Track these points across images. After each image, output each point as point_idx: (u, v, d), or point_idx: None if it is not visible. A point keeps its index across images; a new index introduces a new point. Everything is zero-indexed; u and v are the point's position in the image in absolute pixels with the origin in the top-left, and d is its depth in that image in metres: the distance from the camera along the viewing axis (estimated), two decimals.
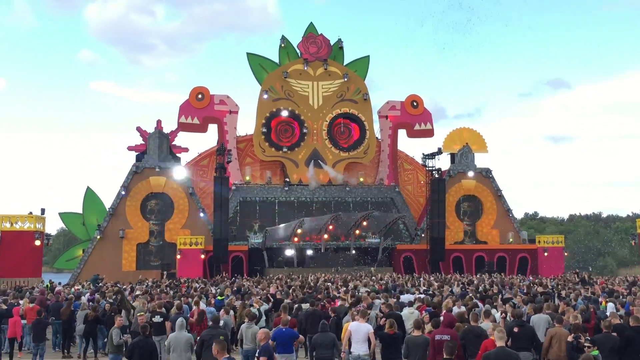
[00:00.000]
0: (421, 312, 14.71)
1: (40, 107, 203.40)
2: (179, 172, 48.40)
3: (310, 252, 48.89)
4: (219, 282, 30.80)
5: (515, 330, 11.40)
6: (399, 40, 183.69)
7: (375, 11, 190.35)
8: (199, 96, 53.55)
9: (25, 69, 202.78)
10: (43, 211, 44.48)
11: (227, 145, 49.12)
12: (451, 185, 52.97)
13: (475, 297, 17.67)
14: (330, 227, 48.70)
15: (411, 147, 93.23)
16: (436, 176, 50.24)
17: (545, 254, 51.43)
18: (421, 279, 32.26)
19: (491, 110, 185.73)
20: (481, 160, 57.08)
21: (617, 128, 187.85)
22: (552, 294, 20.53)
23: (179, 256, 45.62)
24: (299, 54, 55.06)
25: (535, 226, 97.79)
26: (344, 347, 11.93)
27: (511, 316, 12.77)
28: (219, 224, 44.64)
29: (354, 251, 49.76)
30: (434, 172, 50.41)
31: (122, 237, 47.40)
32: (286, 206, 52.66)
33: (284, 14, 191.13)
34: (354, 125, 54.80)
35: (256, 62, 55.62)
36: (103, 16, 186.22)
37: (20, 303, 19.63)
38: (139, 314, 14.00)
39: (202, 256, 45.79)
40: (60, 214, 51.59)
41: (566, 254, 58.49)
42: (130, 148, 50.92)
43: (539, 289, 22.29)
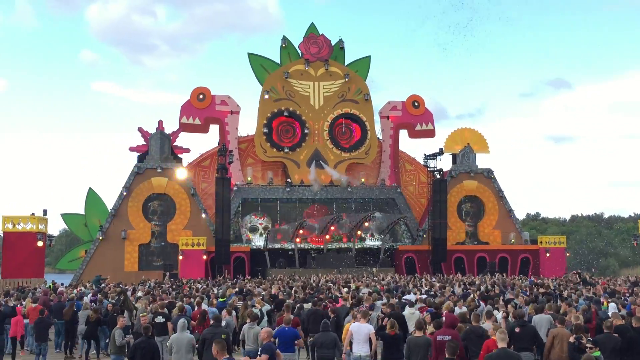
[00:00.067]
0: (422, 313, 14.71)
1: (42, 108, 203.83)
2: (181, 173, 48.46)
3: (312, 253, 48.93)
4: (220, 282, 30.82)
5: (517, 330, 11.41)
6: (400, 41, 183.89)
7: (376, 11, 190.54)
8: (200, 96, 53.55)
9: (27, 70, 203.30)
10: (45, 212, 44.64)
11: (228, 146, 49.11)
12: (453, 185, 52.95)
13: (477, 298, 17.68)
14: (332, 228, 48.70)
15: (413, 147, 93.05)
16: (438, 177, 50.24)
17: (547, 254, 51.39)
18: (423, 279, 32.24)
19: (492, 110, 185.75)
20: (483, 161, 57.06)
21: (619, 128, 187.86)
22: (554, 295, 20.52)
23: (181, 257, 45.71)
24: (300, 54, 55.02)
25: (537, 227, 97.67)
26: (345, 347, 11.95)
27: (513, 317, 12.78)
28: (220, 224, 44.69)
29: (355, 252, 49.80)
30: (435, 172, 50.40)
31: (124, 238, 47.49)
32: (288, 206, 52.67)
33: (285, 14, 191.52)
34: (355, 125, 54.75)
35: (257, 63, 55.58)
36: (104, 17, 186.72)
37: (22, 303, 19.70)
38: (141, 314, 14.02)
39: (204, 257, 45.86)
40: (62, 215, 51.72)
41: (568, 254, 58.46)
42: (131, 149, 50.99)
43: (540, 289, 22.29)
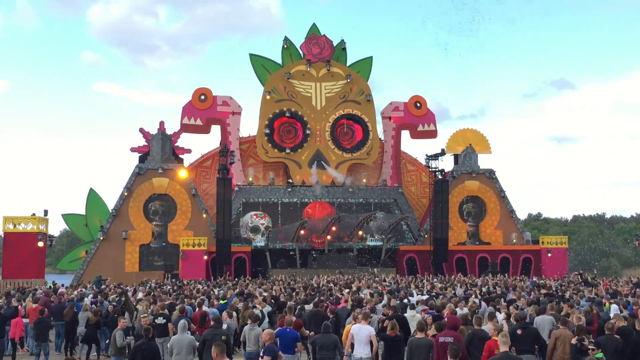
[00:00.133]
0: (424, 314, 14.65)
1: (43, 109, 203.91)
2: (182, 174, 48.45)
3: (313, 254, 48.88)
4: (221, 283, 30.71)
5: (519, 332, 11.35)
6: (402, 41, 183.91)
7: (378, 12, 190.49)
8: (202, 97, 53.53)
9: (28, 70, 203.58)
10: (46, 212, 44.62)
11: (230, 147, 49.06)
12: (454, 186, 52.89)
13: (478, 297, 17.62)
14: (333, 228, 48.65)
15: (414, 148, 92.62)
16: (439, 177, 50.18)
17: (549, 254, 51.30)
18: (424, 280, 32.17)
19: (495, 111, 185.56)
20: (485, 161, 57.12)
21: (622, 129, 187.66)
22: (556, 296, 20.45)
23: (182, 257, 45.70)
24: (301, 55, 54.94)
25: (538, 227, 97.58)
26: (347, 349, 11.89)
27: (514, 319, 12.72)
28: (221, 225, 44.67)
29: (356, 252, 49.74)
30: (437, 173, 50.33)
31: (125, 238, 47.49)
32: (289, 207, 52.63)
33: (286, 15, 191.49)
34: (357, 126, 54.70)
35: (259, 63, 55.55)
36: (106, 17, 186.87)
37: (23, 304, 19.67)
38: (142, 315, 13.99)
39: (205, 257, 45.84)
40: (63, 215, 51.74)
41: (570, 255, 58.39)
42: (133, 149, 51.01)
43: (542, 290, 22.22)
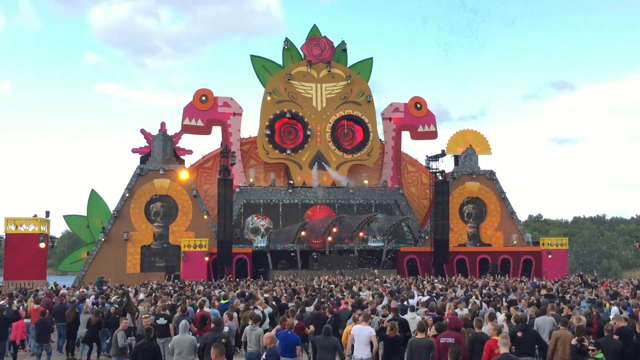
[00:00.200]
0: (425, 315, 14.67)
1: (45, 110, 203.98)
2: (183, 175, 48.49)
3: (313, 255, 48.90)
4: (222, 285, 30.67)
5: (519, 334, 11.37)
6: (402, 42, 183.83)
7: (378, 13, 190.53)
8: (203, 98, 53.58)
9: (30, 71, 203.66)
10: (48, 214, 44.65)
11: (231, 148, 49.10)
12: (455, 187, 52.93)
13: (479, 299, 17.64)
14: (334, 230, 48.67)
15: (415, 149, 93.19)
16: (440, 178, 50.24)
17: (550, 256, 51.33)
18: (425, 281, 32.20)
19: (495, 112, 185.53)
20: (485, 162, 57.10)
21: (622, 130, 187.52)
22: (556, 297, 20.47)
23: (183, 258, 45.75)
24: (302, 56, 54.98)
25: (539, 228, 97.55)
26: (348, 350, 11.93)
27: (514, 320, 12.74)
28: (222, 226, 44.70)
29: (357, 253, 49.75)
30: (437, 174, 50.39)
31: (126, 239, 47.55)
32: (290, 208, 52.67)
33: (287, 16, 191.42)
34: (357, 127, 54.74)
35: (260, 64, 55.60)
36: (108, 19, 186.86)
37: (24, 305, 19.70)
38: (143, 316, 14.02)
39: (206, 258, 45.89)
40: (64, 216, 51.79)
41: (570, 256, 58.40)
42: (134, 150, 51.06)
43: (542, 291, 22.24)
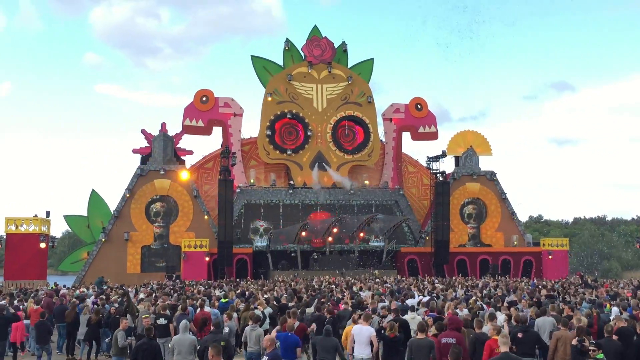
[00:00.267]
0: (425, 315, 14.65)
1: (45, 110, 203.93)
2: (184, 175, 48.50)
3: (314, 255, 48.91)
4: (222, 285, 30.65)
5: (520, 335, 11.35)
6: (403, 43, 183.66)
7: (379, 14, 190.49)
8: (204, 99, 53.61)
9: (31, 72, 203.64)
10: (48, 214, 44.70)
11: (231, 148, 49.13)
12: (455, 188, 52.94)
13: (479, 300, 17.62)
14: (335, 230, 48.68)
15: (415, 149, 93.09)
16: (440, 179, 50.26)
17: (550, 257, 51.33)
18: (425, 281, 32.19)
19: (495, 113, 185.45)
20: (485, 163, 57.10)
21: (622, 131, 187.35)
22: (556, 297, 20.46)
23: (183, 259, 45.76)
24: (303, 56, 55.02)
25: (539, 229, 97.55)
26: (348, 350, 11.92)
27: (515, 320, 12.73)
28: (223, 226, 44.71)
29: (358, 254, 49.75)
30: (438, 174, 50.41)
31: (127, 239, 47.56)
32: (290, 209, 52.70)
33: (288, 17, 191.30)
34: (358, 128, 54.77)
35: (260, 65, 55.63)
36: (108, 19, 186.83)
37: (24, 305, 19.68)
38: (143, 316, 14.01)
39: (207, 259, 45.90)
40: (65, 216, 51.84)
41: (570, 257, 58.40)
42: (135, 151, 51.10)
43: (543, 291, 22.22)
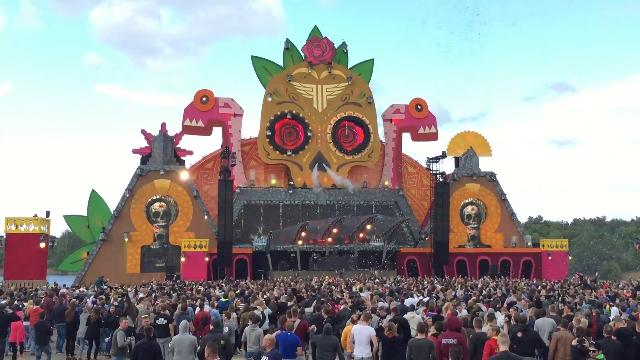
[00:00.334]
0: (424, 314, 14.66)
1: (45, 110, 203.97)
2: (184, 175, 48.52)
3: (314, 255, 48.91)
4: (222, 285, 30.61)
5: (519, 335, 11.37)
6: (403, 44, 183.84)
7: (379, 14, 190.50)
8: (204, 99, 53.60)
9: (31, 72, 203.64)
10: (48, 214, 44.71)
11: (231, 148, 49.13)
12: (455, 188, 52.93)
13: (479, 301, 17.63)
14: (334, 230, 48.68)
15: (415, 150, 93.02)
16: (440, 180, 50.26)
17: (550, 258, 51.33)
18: (425, 281, 32.20)
19: (495, 113, 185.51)
20: (485, 164, 57.06)
21: (622, 132, 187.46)
22: (556, 297, 20.47)
23: (183, 259, 45.73)
24: (303, 57, 55.01)
25: (539, 230, 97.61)
26: (347, 350, 11.92)
27: (514, 320, 12.74)
28: (223, 227, 44.71)
29: (357, 254, 49.74)
30: (438, 175, 50.41)
31: (126, 239, 47.54)
32: (290, 209, 52.70)
33: (288, 17, 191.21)
34: (358, 128, 54.77)
35: (260, 65, 55.62)
36: (109, 19, 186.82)
37: (24, 305, 19.67)
38: (142, 316, 14.00)
39: (207, 259, 45.89)
40: (65, 216, 51.84)
41: (570, 258, 58.40)
42: (135, 151, 51.08)
43: (542, 291, 22.24)
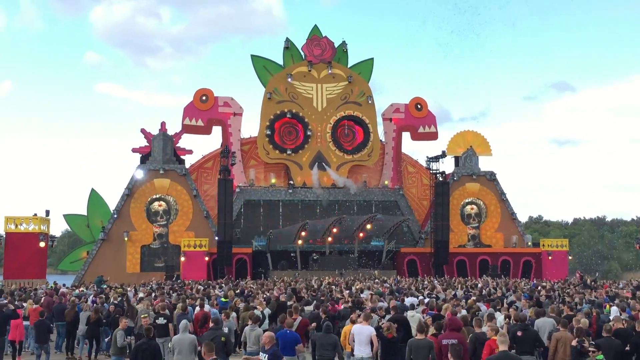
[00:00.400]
0: (424, 315, 14.65)
1: (45, 109, 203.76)
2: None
3: (314, 255, 48.88)
4: (222, 285, 30.59)
5: (519, 334, 11.37)
6: (403, 43, 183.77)
7: (379, 14, 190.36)
8: (203, 98, 53.56)
9: (31, 71, 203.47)
10: (48, 213, 44.68)
11: (231, 148, 49.11)
12: (455, 188, 52.90)
13: (479, 300, 17.63)
14: (334, 230, 48.65)
15: (415, 150, 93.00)
16: (440, 179, 50.24)
17: (550, 257, 51.31)
18: (425, 281, 32.20)
19: (496, 113, 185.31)
20: (485, 164, 56.98)
21: (622, 132, 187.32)
22: (556, 297, 20.46)
23: (183, 258, 45.71)
24: (303, 56, 54.96)
25: (539, 230, 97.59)
26: (347, 350, 11.91)
27: (514, 320, 12.74)
28: (223, 226, 44.68)
29: (357, 254, 49.72)
30: (438, 175, 50.39)
31: (126, 239, 47.52)
32: (290, 208, 52.67)
33: (288, 16, 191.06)
34: (358, 127, 54.74)
35: (260, 65, 55.57)
36: (109, 19, 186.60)
37: (24, 305, 19.65)
38: (142, 315, 13.99)
39: (206, 258, 45.86)
40: (64, 215, 51.80)
41: (570, 257, 58.37)
42: (134, 150, 51.06)
43: (542, 291, 22.23)
